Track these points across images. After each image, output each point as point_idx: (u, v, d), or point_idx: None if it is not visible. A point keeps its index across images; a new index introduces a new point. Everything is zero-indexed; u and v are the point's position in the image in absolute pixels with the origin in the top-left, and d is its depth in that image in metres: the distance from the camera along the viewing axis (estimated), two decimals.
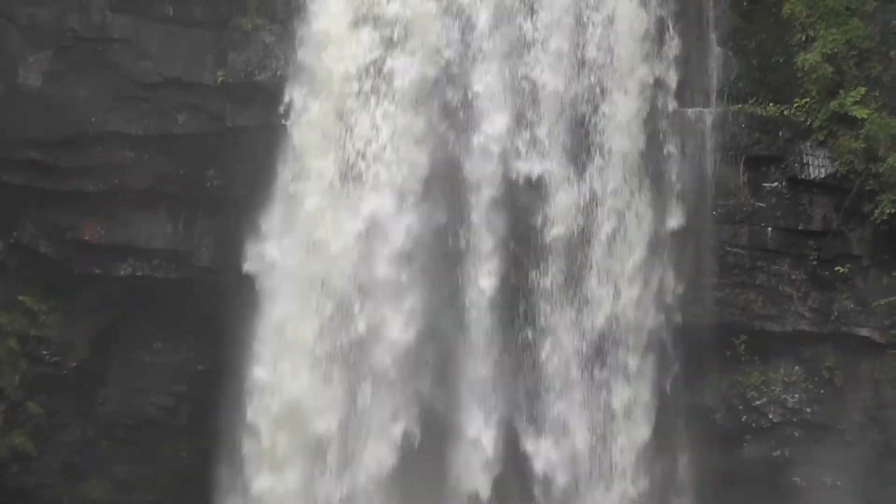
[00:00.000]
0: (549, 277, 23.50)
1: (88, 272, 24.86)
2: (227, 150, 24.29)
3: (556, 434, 23.20)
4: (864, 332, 23.82)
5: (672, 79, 24.14)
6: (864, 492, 23.45)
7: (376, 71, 23.23)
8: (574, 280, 23.63)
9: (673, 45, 24.17)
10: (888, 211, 23.15)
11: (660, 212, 23.76)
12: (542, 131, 23.43)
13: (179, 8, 23.99)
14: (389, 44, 23.23)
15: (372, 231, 22.91)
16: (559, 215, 23.40)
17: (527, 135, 23.43)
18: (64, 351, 25.13)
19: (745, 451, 24.42)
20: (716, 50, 24.45)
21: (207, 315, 24.70)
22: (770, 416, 24.14)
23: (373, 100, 23.17)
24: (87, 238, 24.58)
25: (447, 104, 23.36)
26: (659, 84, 24.07)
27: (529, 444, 23.26)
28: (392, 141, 23.03)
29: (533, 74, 23.59)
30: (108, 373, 25.78)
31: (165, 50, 23.94)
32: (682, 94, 24.30)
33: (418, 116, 23.10)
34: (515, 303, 23.45)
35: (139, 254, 24.79)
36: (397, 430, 22.68)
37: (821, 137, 23.85)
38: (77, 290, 25.03)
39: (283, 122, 23.92)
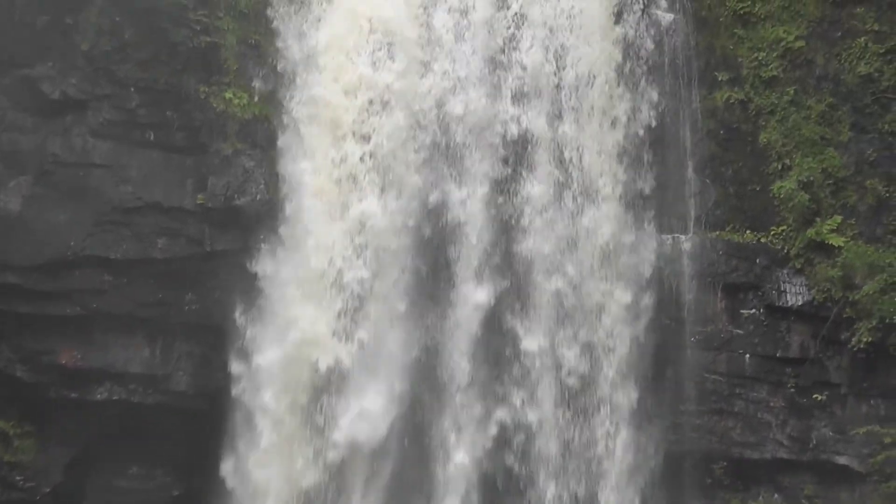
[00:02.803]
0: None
1: (64, 396, 24.52)
2: (205, 274, 24.26)
3: None
4: (843, 460, 23.84)
5: (649, 206, 24.32)
6: None
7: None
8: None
9: (650, 173, 24.37)
10: (865, 339, 23.30)
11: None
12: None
13: (160, 133, 24.01)
14: None
15: None
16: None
17: None
18: (38, 476, 24.69)
19: None
20: (692, 177, 24.63)
21: (184, 440, 24.53)
22: None
23: None
24: (63, 362, 24.27)
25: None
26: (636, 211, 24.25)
27: None
28: None
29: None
30: (82, 499, 25.32)
31: (146, 175, 23.90)
32: (660, 221, 24.45)
33: None
34: None
35: (116, 378, 24.50)
36: None
37: (798, 265, 24.07)
38: (52, 415, 24.69)
39: (261, 245, 23.99)
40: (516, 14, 24.44)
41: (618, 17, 24.72)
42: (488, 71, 24.15)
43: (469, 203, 23.73)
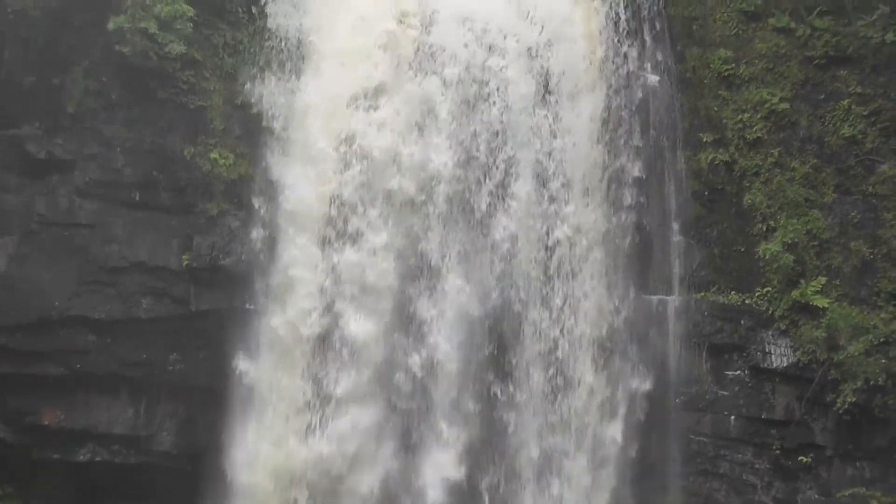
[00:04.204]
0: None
1: (47, 457, 24.45)
2: (190, 334, 24.23)
3: None
4: None
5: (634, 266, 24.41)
6: None
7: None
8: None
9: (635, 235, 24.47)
10: (850, 401, 23.22)
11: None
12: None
13: (146, 193, 24.03)
14: None
15: None
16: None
17: None
18: None
19: None
20: (678, 238, 24.69)
21: (165, 501, 24.39)
22: None
23: None
24: (46, 423, 24.17)
25: None
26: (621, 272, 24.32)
27: None
28: None
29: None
30: None
31: (131, 234, 23.93)
32: (645, 282, 24.49)
33: None
34: None
35: (99, 439, 24.42)
36: None
37: (782, 326, 24.07)
38: (34, 476, 24.63)
39: (247, 306, 23.98)
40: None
41: (603, 77, 24.79)
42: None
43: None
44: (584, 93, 24.63)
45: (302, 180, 23.75)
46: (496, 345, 23.54)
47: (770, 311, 24.14)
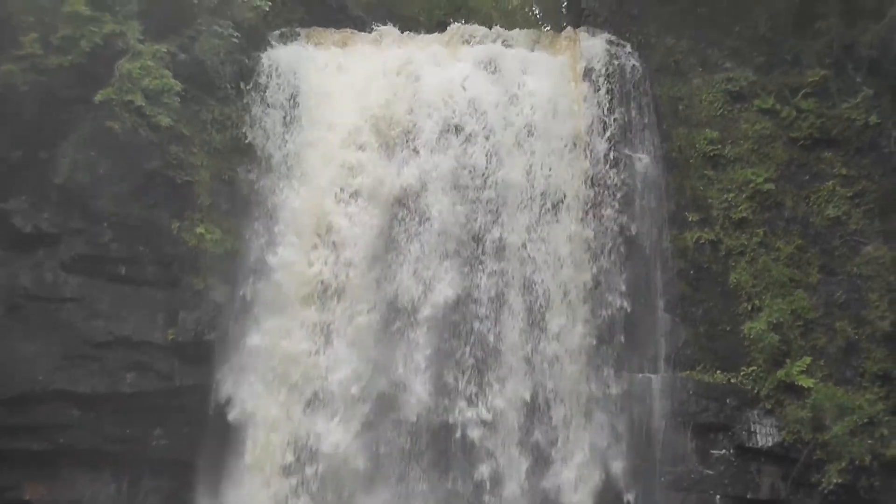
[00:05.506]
0: None
1: None
2: (174, 409, 24.13)
3: None
4: None
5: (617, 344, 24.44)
6: None
7: None
8: None
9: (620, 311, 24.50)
10: (835, 481, 23.24)
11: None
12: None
13: (132, 268, 23.96)
14: None
15: None
16: None
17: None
18: None
19: None
20: (663, 316, 24.74)
21: None
22: None
23: None
24: (28, 498, 23.95)
25: None
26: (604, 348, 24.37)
27: None
28: None
29: None
30: None
31: (117, 309, 23.81)
32: (630, 360, 24.52)
33: None
34: None
35: None
36: None
37: (768, 406, 24.10)
38: None
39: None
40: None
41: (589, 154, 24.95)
42: None
43: None
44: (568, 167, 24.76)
45: None
46: None
47: (755, 391, 24.17)
